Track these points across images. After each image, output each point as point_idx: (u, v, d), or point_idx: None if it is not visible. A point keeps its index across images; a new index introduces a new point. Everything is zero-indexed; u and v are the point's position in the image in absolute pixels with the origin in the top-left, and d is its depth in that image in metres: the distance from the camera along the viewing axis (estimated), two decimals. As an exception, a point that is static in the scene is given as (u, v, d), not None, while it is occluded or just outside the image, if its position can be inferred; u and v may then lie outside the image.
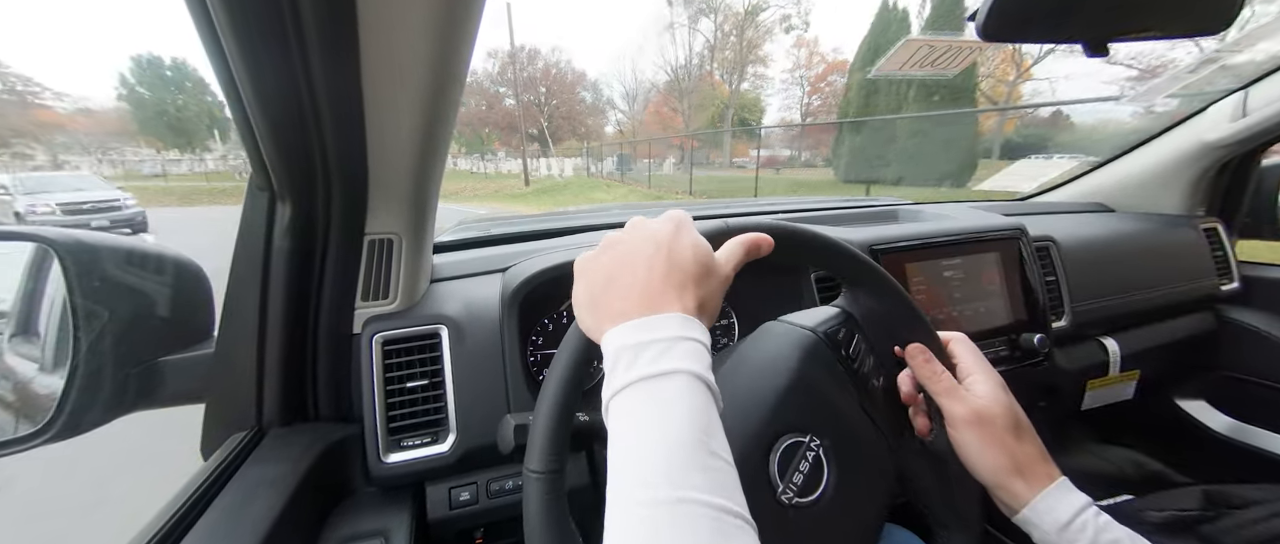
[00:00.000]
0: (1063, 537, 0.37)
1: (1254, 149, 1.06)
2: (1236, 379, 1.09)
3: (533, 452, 0.32)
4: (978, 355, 0.45)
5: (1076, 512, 0.37)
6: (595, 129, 38.11)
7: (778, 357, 0.41)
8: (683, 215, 0.35)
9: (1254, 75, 0.98)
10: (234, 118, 0.44)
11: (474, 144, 35.73)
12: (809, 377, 0.40)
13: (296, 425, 0.57)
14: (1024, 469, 0.39)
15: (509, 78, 35.31)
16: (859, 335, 0.44)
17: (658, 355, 0.28)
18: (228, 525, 0.42)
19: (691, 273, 0.32)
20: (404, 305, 0.61)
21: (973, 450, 0.40)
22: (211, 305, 0.58)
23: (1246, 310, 1.08)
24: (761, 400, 0.38)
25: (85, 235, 0.48)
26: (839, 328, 0.44)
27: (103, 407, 0.47)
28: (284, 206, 0.50)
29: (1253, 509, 0.76)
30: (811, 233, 0.41)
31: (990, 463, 0.40)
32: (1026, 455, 0.40)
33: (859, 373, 0.43)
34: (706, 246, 0.34)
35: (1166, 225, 1.08)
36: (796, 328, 0.43)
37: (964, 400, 0.41)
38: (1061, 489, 0.38)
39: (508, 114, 35.44)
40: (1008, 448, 0.40)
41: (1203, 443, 1.12)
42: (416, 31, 0.38)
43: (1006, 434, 0.40)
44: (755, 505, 0.35)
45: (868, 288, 0.45)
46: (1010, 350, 0.82)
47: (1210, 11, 0.50)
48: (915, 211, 1.06)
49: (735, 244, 0.35)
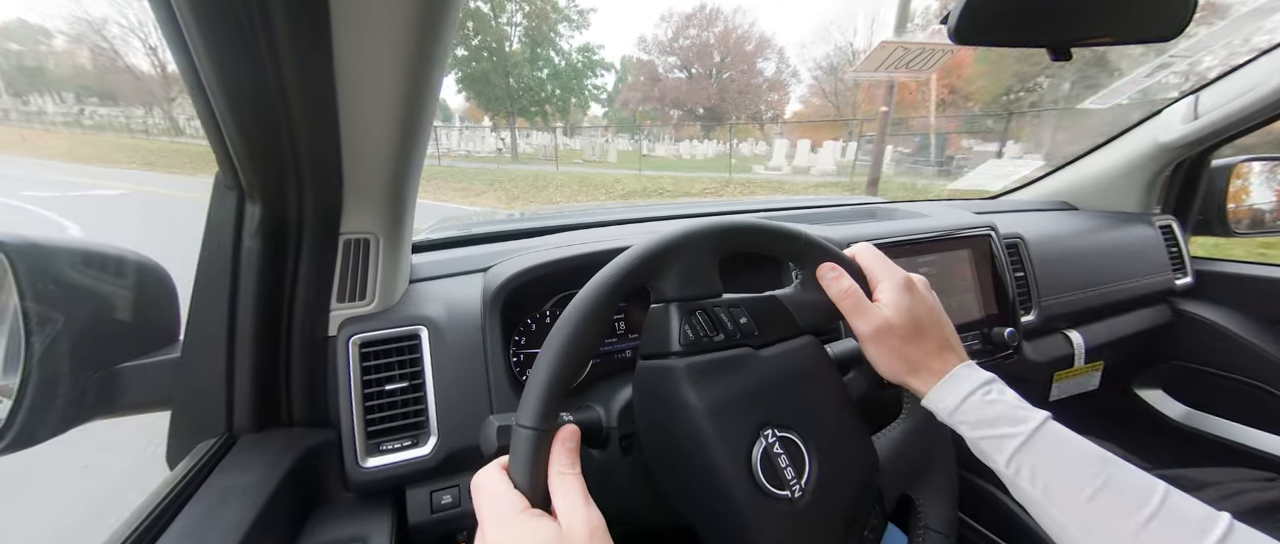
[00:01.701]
0: (953, 418, 0.41)
1: (1205, 150, 1.12)
2: (1191, 369, 1.15)
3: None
4: (883, 261, 0.45)
5: (962, 398, 0.40)
6: (776, 105, 33.36)
7: (676, 402, 0.39)
8: (492, 504, 0.32)
9: (1204, 80, 1.03)
10: (198, 112, 0.42)
11: (625, 124, 32.44)
12: (713, 394, 0.38)
13: (270, 431, 0.55)
14: (918, 368, 0.42)
15: (680, 46, 31.10)
16: (697, 310, 0.41)
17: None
18: (198, 535, 0.40)
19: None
20: (382, 306, 0.60)
21: (876, 360, 0.44)
22: (176, 308, 0.56)
23: (1199, 303, 1.14)
24: (706, 448, 0.38)
25: (38, 236, 0.45)
26: (683, 324, 0.40)
27: (59, 416, 0.45)
28: (253, 206, 0.48)
29: (1205, 492, 0.80)
30: (605, 278, 0.38)
31: (889, 369, 0.43)
32: (922, 353, 0.42)
33: (729, 334, 0.41)
34: (547, 539, 0.29)
35: (1126, 223, 1.13)
36: (661, 362, 0.40)
37: (867, 316, 0.43)
38: (954, 378, 0.41)
39: (673, 88, 31.40)
40: (903, 353, 0.42)
41: (1160, 430, 1.18)
42: (393, 21, 0.37)
43: (903, 342, 0.42)
44: (784, 518, 0.37)
45: (661, 269, 0.41)
46: (982, 344, 0.85)
47: (1163, 21, 0.53)
48: (891, 210, 1.09)
49: (564, 476, 0.33)
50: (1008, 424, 0.38)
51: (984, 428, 0.39)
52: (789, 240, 0.45)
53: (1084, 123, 11.13)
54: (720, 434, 0.38)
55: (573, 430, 0.35)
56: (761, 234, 0.44)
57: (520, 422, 0.34)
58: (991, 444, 0.39)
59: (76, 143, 18.84)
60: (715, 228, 0.42)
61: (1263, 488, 0.79)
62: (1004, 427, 0.38)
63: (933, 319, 0.44)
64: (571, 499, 0.31)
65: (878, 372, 0.44)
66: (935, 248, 0.84)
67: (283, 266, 0.53)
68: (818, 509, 0.38)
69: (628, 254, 0.40)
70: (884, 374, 0.44)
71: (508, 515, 0.30)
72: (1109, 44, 0.55)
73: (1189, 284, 1.14)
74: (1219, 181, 1.17)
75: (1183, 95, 1.06)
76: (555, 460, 0.33)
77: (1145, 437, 1.20)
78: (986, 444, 0.39)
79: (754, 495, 0.37)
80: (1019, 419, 0.38)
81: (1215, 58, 1.03)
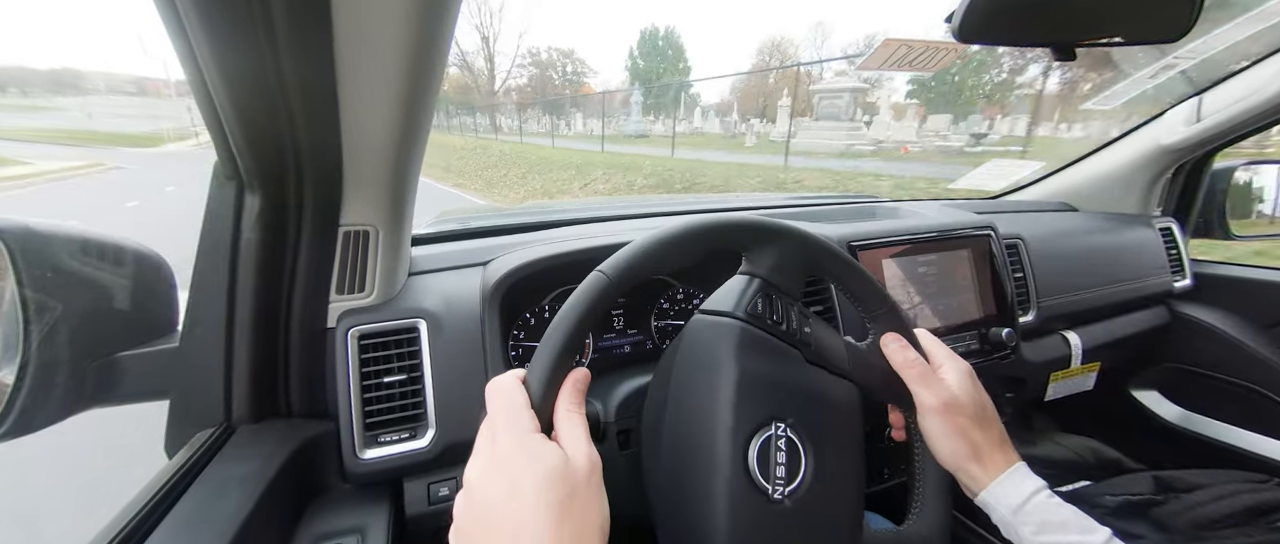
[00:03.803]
0: (1017, 517, 0.39)
1: (1207, 153, 1.11)
2: (1186, 371, 1.16)
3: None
4: (945, 348, 0.47)
5: (1029, 495, 0.39)
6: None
7: (715, 359, 0.40)
8: (510, 414, 0.31)
9: (1207, 82, 1.03)
10: (198, 102, 0.42)
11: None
12: (749, 367, 0.40)
13: (268, 422, 0.55)
14: (982, 455, 0.41)
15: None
16: (775, 295, 0.43)
17: None
18: (195, 525, 0.41)
19: (547, 529, 0.27)
20: (381, 299, 0.60)
21: (936, 436, 0.43)
22: (175, 298, 0.56)
23: (1197, 306, 1.15)
24: (718, 411, 0.38)
25: (36, 223, 0.45)
26: (756, 298, 0.42)
27: (57, 403, 0.45)
28: (253, 197, 0.48)
29: (1198, 493, 0.81)
30: (648, 244, 0.39)
31: (951, 448, 0.42)
32: (987, 442, 0.42)
33: (790, 332, 0.43)
34: (551, 465, 0.29)
35: (1126, 224, 1.13)
36: (720, 319, 0.42)
37: (935, 389, 0.43)
38: (1017, 474, 0.41)
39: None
40: (970, 436, 0.42)
41: (1154, 431, 1.19)
42: (394, 11, 0.37)
43: (971, 423, 0.42)
44: (757, 517, 0.36)
45: (756, 244, 0.44)
46: (980, 344, 0.85)
47: (1168, 21, 0.53)
48: (892, 209, 1.09)
49: (569, 416, 0.33)
50: (1076, 532, 0.38)
51: (1050, 533, 0.38)
52: (875, 296, 0.46)
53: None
54: (736, 403, 0.38)
55: (585, 373, 0.36)
56: (855, 277, 0.46)
57: (548, 344, 0.34)
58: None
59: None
60: (824, 246, 0.45)
61: (1254, 490, 0.79)
62: (1073, 534, 0.37)
63: (994, 413, 0.43)
64: (576, 434, 0.32)
65: (935, 450, 0.43)
66: (935, 247, 0.84)
67: (282, 258, 0.53)
68: (787, 522, 0.37)
69: (747, 215, 0.43)
70: (942, 454, 0.43)
71: (523, 431, 0.31)
72: (1113, 45, 0.55)
73: (1187, 287, 1.14)
74: (1220, 185, 1.17)
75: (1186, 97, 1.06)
76: (564, 397, 0.34)
77: (1140, 438, 1.21)
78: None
79: (740, 480, 0.37)
80: (1086, 529, 0.38)
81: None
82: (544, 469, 0.29)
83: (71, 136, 24.98)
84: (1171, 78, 1.10)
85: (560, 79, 40.66)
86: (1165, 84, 1.11)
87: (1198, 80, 1.03)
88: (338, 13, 0.37)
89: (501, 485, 0.29)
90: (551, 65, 40.94)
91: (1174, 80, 1.09)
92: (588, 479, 0.30)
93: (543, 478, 0.29)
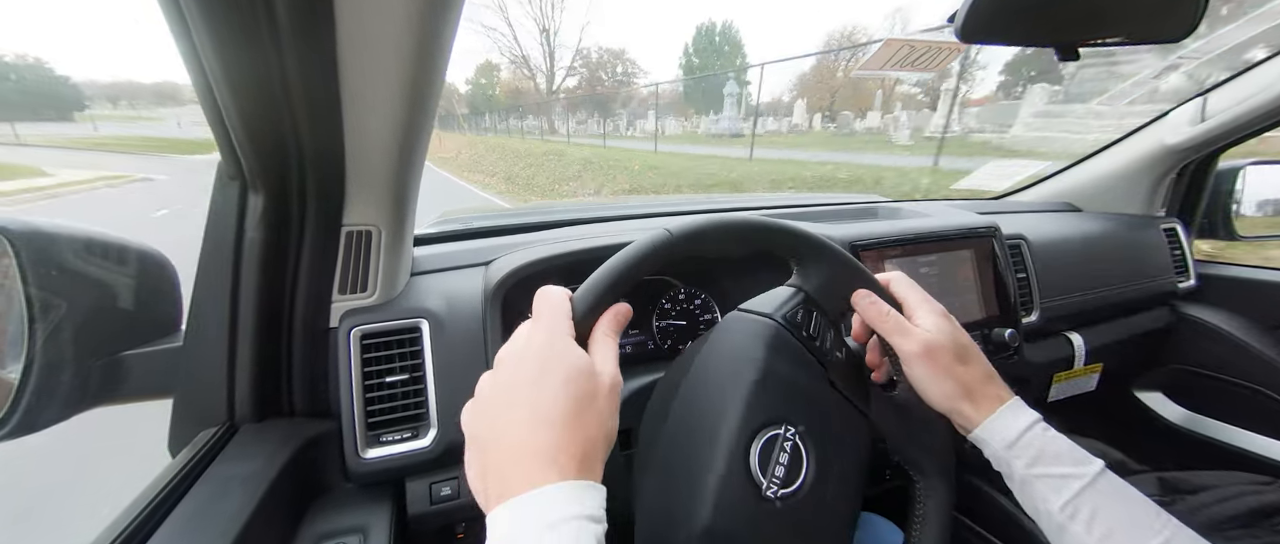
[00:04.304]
0: (1010, 453, 0.39)
1: (1212, 153, 1.11)
2: (1191, 372, 1.15)
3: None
4: (918, 290, 0.46)
5: (1023, 429, 0.39)
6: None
7: (743, 351, 0.41)
8: (552, 318, 0.33)
9: (1213, 81, 1.02)
10: (201, 102, 0.42)
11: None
12: (776, 367, 0.40)
13: (271, 421, 0.55)
14: (973, 392, 0.41)
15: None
16: (816, 312, 0.45)
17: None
18: (198, 523, 0.41)
19: (568, 417, 0.29)
20: (383, 299, 0.60)
21: (924, 381, 0.42)
22: (178, 297, 0.56)
23: (1201, 307, 1.14)
24: (734, 399, 0.38)
25: (41, 222, 0.45)
26: (796, 309, 0.44)
27: (62, 402, 0.45)
28: (256, 197, 0.49)
29: (1203, 495, 0.81)
30: (714, 222, 0.41)
31: (940, 390, 0.41)
32: (974, 378, 0.41)
33: (821, 349, 0.44)
34: (580, 366, 0.31)
35: (1130, 225, 1.13)
36: (757, 317, 0.43)
37: (911, 335, 0.42)
38: (1011, 409, 0.40)
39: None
40: (955, 374, 0.41)
41: (1159, 433, 1.18)
42: (396, 12, 0.37)
43: (953, 362, 0.41)
44: (742, 506, 0.36)
45: (811, 260, 0.46)
46: (983, 344, 0.84)
47: (1173, 21, 0.53)
48: (894, 209, 1.09)
49: (605, 338, 0.35)
50: (1070, 464, 0.37)
51: (1044, 465, 0.37)
52: (854, 271, 0.47)
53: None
54: (754, 395, 0.38)
55: (627, 309, 0.37)
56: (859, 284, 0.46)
57: (600, 275, 0.36)
58: (1050, 483, 0.37)
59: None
60: (870, 279, 0.46)
61: (1260, 492, 0.79)
62: (1067, 465, 0.37)
63: (974, 348, 0.43)
64: (607, 354, 0.34)
65: (926, 395, 0.42)
66: (937, 247, 0.84)
67: (285, 257, 0.53)
68: (772, 521, 0.37)
69: (812, 230, 0.45)
70: (932, 397, 0.42)
71: (561, 332, 0.33)
72: (1117, 44, 0.54)
73: (1192, 287, 1.14)
74: (1225, 185, 1.16)
75: (1191, 97, 1.05)
76: (603, 322, 0.36)
77: (1144, 439, 1.20)
78: (1043, 483, 0.37)
79: (737, 468, 0.36)
80: (1080, 460, 0.37)
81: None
82: (573, 366, 0.31)
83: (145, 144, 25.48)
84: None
85: (609, 80, 38.46)
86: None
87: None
88: (340, 14, 0.37)
89: (531, 369, 0.31)
90: (602, 66, 39.03)
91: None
92: (608, 392, 0.32)
93: (570, 372, 0.31)
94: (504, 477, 0.28)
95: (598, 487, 0.29)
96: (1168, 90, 8.50)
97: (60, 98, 75.12)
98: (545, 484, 0.27)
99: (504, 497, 0.27)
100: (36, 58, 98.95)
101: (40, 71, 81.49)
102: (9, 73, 76.99)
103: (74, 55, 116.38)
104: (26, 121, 59.40)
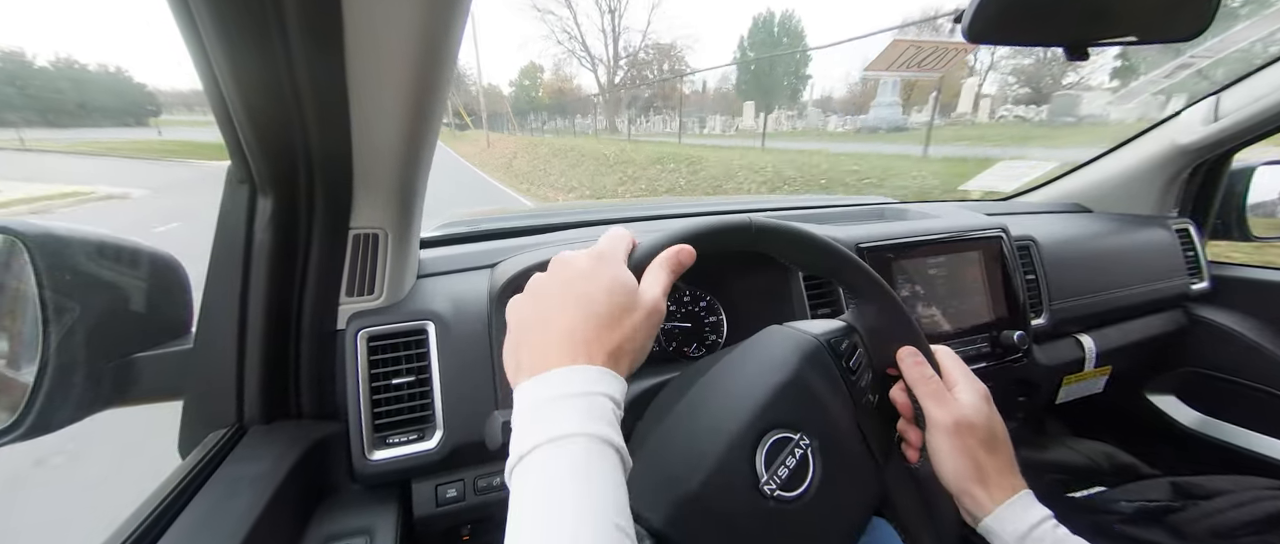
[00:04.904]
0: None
1: (1225, 152, 1.09)
2: (1204, 375, 1.13)
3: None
4: (963, 367, 0.46)
5: (1034, 523, 0.38)
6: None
7: (777, 355, 0.41)
8: (610, 245, 0.36)
9: (1226, 80, 1.01)
10: (211, 106, 0.43)
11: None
12: (806, 377, 0.40)
13: (279, 423, 0.56)
14: (989, 479, 0.40)
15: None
16: (861, 350, 0.45)
17: (559, 416, 0.27)
18: (208, 524, 0.41)
19: (605, 317, 0.31)
20: (390, 301, 0.60)
21: (943, 455, 0.41)
22: (189, 300, 0.57)
23: (1215, 309, 1.12)
24: (755, 393, 0.38)
25: (55, 227, 0.46)
26: (842, 338, 0.44)
27: (75, 404, 0.46)
28: (265, 199, 0.49)
29: (1217, 500, 0.79)
30: (797, 231, 0.41)
31: (958, 468, 0.41)
32: (994, 466, 0.41)
33: (856, 386, 0.43)
34: (626, 282, 0.33)
35: (1141, 226, 1.11)
36: (800, 332, 0.43)
37: (947, 406, 0.42)
38: (1023, 501, 0.39)
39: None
40: (977, 457, 0.41)
41: (1172, 436, 1.16)
42: (403, 19, 0.37)
43: (979, 445, 0.41)
44: (735, 493, 0.36)
45: (870, 299, 0.46)
46: (991, 347, 0.84)
47: (1184, 19, 0.52)
48: (901, 210, 1.08)
49: (658, 269, 0.36)
50: None
51: None
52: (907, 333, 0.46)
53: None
54: (777, 396, 0.38)
55: (691, 252, 0.37)
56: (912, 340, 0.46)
57: (670, 230, 0.37)
58: None
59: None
60: (918, 334, 0.46)
61: (1275, 496, 0.77)
62: None
63: (1006, 437, 0.43)
64: (657, 284, 0.35)
65: (940, 469, 0.42)
66: (945, 249, 0.83)
67: (293, 260, 0.53)
68: (761, 519, 0.36)
69: (875, 273, 0.45)
70: (947, 475, 0.42)
71: (618, 260, 0.35)
72: (1128, 44, 0.54)
73: (1205, 289, 1.12)
74: (1239, 184, 1.14)
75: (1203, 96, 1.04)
76: (660, 257, 0.36)
77: (1156, 443, 1.19)
78: None
79: (741, 460, 0.36)
80: None
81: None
82: (617, 280, 0.33)
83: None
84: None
85: (659, 76, 35.75)
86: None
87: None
88: (349, 18, 0.37)
89: (584, 266, 0.33)
90: (664, 57, 36.29)
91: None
92: (649, 313, 0.33)
93: (617, 283, 0.33)
94: (541, 354, 0.30)
95: (622, 379, 0.30)
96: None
97: (137, 104, 76.98)
98: (573, 365, 0.29)
99: (535, 371, 0.29)
100: (118, 67, 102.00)
101: (120, 79, 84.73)
102: (100, 81, 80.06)
103: (150, 63, 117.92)
104: (113, 127, 60.72)
